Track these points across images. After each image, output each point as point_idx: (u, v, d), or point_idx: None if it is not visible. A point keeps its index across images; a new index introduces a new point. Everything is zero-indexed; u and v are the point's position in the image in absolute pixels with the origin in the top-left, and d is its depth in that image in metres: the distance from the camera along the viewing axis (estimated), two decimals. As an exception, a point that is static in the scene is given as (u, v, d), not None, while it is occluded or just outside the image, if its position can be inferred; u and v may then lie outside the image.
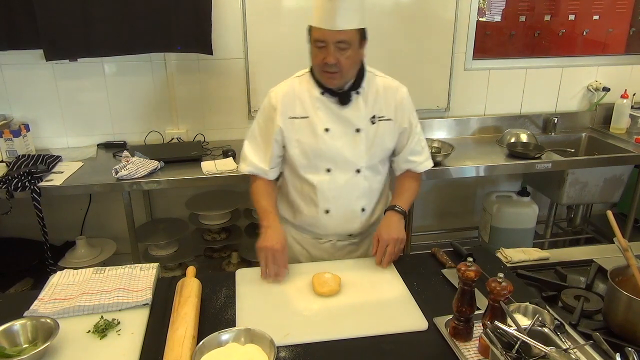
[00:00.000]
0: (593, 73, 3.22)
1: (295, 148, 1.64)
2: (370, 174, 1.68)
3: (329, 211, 1.67)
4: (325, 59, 1.50)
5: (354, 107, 1.62)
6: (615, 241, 1.34)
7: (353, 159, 1.64)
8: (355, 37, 1.51)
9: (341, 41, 1.48)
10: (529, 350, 1.02)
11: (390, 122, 1.66)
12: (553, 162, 2.67)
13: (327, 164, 1.64)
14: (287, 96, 1.64)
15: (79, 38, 2.47)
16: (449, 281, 1.49)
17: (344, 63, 1.51)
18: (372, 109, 1.64)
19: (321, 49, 1.50)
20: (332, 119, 1.62)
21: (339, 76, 1.54)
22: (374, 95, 1.64)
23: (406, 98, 1.69)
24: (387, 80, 1.69)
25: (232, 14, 2.70)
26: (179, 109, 2.85)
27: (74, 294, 1.40)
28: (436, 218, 3.44)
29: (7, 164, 2.44)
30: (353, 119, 1.62)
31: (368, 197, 1.70)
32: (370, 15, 2.81)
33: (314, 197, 1.67)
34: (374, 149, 1.66)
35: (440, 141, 2.77)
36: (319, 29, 1.48)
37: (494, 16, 3.05)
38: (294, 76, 1.69)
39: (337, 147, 1.62)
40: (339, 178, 1.65)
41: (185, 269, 1.49)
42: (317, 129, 1.61)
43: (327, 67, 1.51)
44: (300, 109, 1.63)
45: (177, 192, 2.94)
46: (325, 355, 1.19)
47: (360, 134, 1.63)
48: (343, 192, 1.66)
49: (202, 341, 1.14)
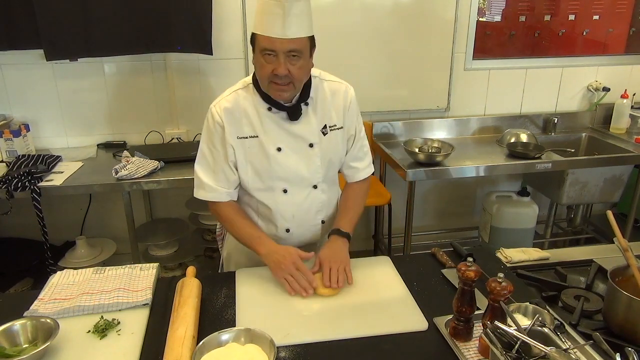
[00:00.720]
0: (593, 73, 3.22)
1: (246, 170, 1.52)
2: (327, 187, 1.61)
3: (289, 230, 1.61)
4: (275, 70, 1.37)
5: (305, 121, 1.51)
6: (615, 241, 1.34)
7: (309, 175, 1.55)
8: (307, 45, 1.40)
9: (293, 50, 1.36)
10: (529, 350, 1.02)
11: (341, 130, 1.57)
12: (553, 162, 2.67)
13: (283, 184, 1.54)
14: (233, 114, 1.48)
15: (79, 38, 2.47)
16: (449, 281, 1.49)
17: (296, 74, 1.39)
18: (322, 118, 1.54)
19: (269, 60, 1.37)
20: (283, 136, 1.50)
21: (290, 88, 1.42)
22: (322, 103, 1.53)
23: (353, 101, 1.58)
24: (334, 84, 1.57)
25: (232, 14, 2.70)
26: (179, 109, 2.85)
27: (74, 294, 1.40)
28: (436, 218, 3.44)
29: (7, 164, 2.44)
30: (305, 134, 1.51)
31: (327, 208, 1.64)
32: (370, 15, 2.81)
33: (271, 218, 1.59)
34: (329, 162, 1.57)
35: (440, 141, 2.77)
36: (267, 37, 1.35)
37: (494, 16, 3.05)
38: (236, 88, 1.53)
39: (291, 166, 1.52)
40: (296, 197, 1.56)
41: (185, 269, 1.49)
42: (269, 149, 1.49)
43: (277, 78, 1.38)
44: (249, 128, 1.49)
45: (177, 192, 2.94)
46: (325, 355, 1.19)
47: (314, 149, 1.53)
48: (302, 209, 1.59)
49: (202, 341, 1.13)
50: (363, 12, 2.79)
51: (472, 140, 3.09)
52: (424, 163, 2.60)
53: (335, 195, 1.68)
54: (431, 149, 2.72)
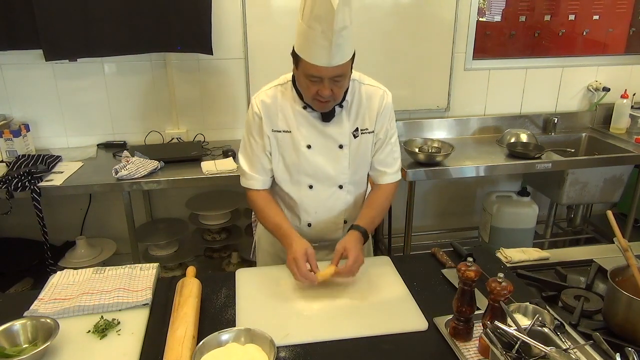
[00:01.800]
0: (593, 73, 3.22)
1: (278, 162, 1.60)
2: (353, 188, 1.65)
3: (311, 224, 1.66)
4: (319, 91, 1.42)
5: (337, 123, 1.56)
6: (615, 241, 1.34)
7: (335, 175, 1.60)
8: (349, 65, 1.44)
9: (337, 75, 1.40)
10: (529, 350, 1.02)
11: (372, 134, 1.60)
12: (553, 162, 2.67)
13: (309, 180, 1.60)
14: (271, 108, 1.56)
15: (79, 38, 2.47)
16: (449, 281, 1.49)
17: (339, 93, 1.46)
18: (355, 121, 1.58)
19: (314, 81, 1.42)
20: (315, 135, 1.56)
21: (332, 104, 1.49)
22: (357, 107, 1.57)
23: (388, 106, 1.61)
24: (372, 89, 1.60)
25: (232, 14, 2.70)
26: (179, 109, 2.85)
27: (74, 294, 1.40)
28: (436, 218, 3.44)
29: (7, 164, 2.44)
30: (336, 135, 1.56)
31: (351, 209, 1.67)
32: (370, 15, 2.81)
33: (296, 210, 1.65)
34: (357, 164, 1.61)
35: (440, 141, 2.77)
36: (312, 65, 1.38)
37: (494, 16, 3.05)
38: (277, 83, 1.59)
39: (319, 164, 1.57)
40: (321, 194, 1.61)
41: (185, 269, 1.49)
42: (299, 145, 1.55)
43: (321, 97, 1.44)
44: (283, 123, 1.56)
45: (177, 192, 2.94)
46: (325, 355, 1.20)
47: (343, 150, 1.58)
48: (326, 207, 1.63)
49: (202, 341, 1.14)
50: (363, 12, 2.79)
51: (472, 140, 3.08)
52: (424, 163, 2.60)
53: (361, 198, 1.70)
54: (431, 149, 2.72)
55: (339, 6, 1.28)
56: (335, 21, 1.30)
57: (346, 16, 1.33)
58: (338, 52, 1.36)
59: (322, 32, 1.32)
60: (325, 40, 1.33)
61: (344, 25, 1.33)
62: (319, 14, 1.31)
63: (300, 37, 1.39)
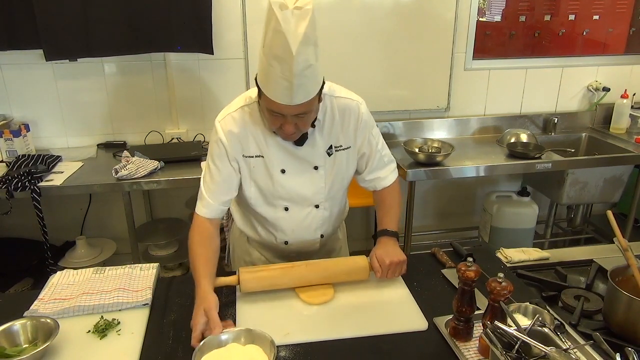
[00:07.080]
0: (593, 73, 3.22)
1: (250, 187, 1.51)
2: (330, 204, 1.58)
3: (288, 242, 1.61)
4: (283, 126, 1.33)
5: (310, 144, 1.46)
6: (615, 241, 1.34)
7: (312, 196, 1.53)
8: (316, 99, 1.31)
9: (301, 112, 1.29)
10: (529, 350, 1.02)
11: (348, 150, 1.52)
12: (553, 162, 2.67)
13: (285, 203, 1.53)
14: (240, 134, 1.43)
15: (79, 38, 2.47)
16: (449, 281, 1.49)
17: (304, 126, 1.36)
18: (329, 139, 1.49)
19: (277, 117, 1.31)
20: (288, 158, 1.47)
21: (297, 135, 1.39)
22: (329, 124, 1.47)
23: (365, 115, 1.51)
24: (345, 101, 1.48)
25: (232, 14, 2.70)
26: (179, 109, 2.85)
27: (74, 294, 1.40)
28: (436, 218, 3.44)
29: (7, 164, 2.44)
30: (310, 157, 1.48)
31: (327, 224, 1.62)
32: (371, 15, 2.81)
33: (271, 230, 1.59)
34: (333, 181, 1.54)
35: (440, 141, 2.77)
36: (274, 102, 1.26)
37: (494, 16, 3.05)
38: (242, 104, 1.46)
39: (294, 187, 1.50)
40: (297, 215, 1.55)
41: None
42: (273, 170, 1.47)
43: (284, 133, 1.36)
44: (255, 148, 1.45)
45: (177, 192, 2.94)
46: (325, 355, 1.19)
47: (319, 171, 1.50)
48: (302, 226, 1.58)
49: (203, 341, 1.14)
50: (363, 12, 2.79)
51: (472, 140, 3.09)
52: (424, 163, 2.60)
53: (337, 209, 1.65)
54: (431, 149, 2.72)
55: (299, 49, 1.16)
56: (295, 63, 1.17)
57: (310, 55, 1.20)
58: (300, 91, 1.23)
59: (281, 73, 1.20)
60: (285, 81, 1.20)
61: (307, 65, 1.20)
62: (278, 54, 1.19)
63: (261, 69, 1.27)
